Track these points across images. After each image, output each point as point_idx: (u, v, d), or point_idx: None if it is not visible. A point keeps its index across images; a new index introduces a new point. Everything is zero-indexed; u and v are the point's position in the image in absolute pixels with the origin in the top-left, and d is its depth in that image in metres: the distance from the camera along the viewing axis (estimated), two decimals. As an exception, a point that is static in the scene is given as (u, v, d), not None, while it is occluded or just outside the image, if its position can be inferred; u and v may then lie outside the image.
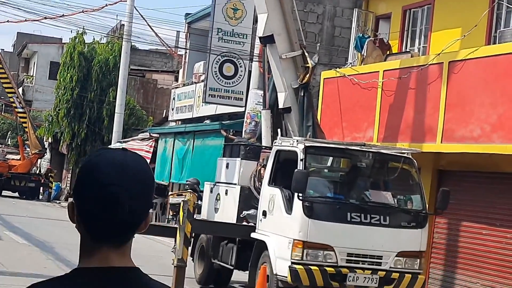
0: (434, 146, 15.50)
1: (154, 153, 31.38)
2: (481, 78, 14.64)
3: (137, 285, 2.21)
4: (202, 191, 18.05)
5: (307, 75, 15.88)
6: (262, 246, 13.70)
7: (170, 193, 21.27)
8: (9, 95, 46.19)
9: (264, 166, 14.49)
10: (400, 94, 16.56)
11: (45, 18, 32.21)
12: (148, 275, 2.29)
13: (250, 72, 24.57)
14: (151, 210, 2.35)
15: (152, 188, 2.28)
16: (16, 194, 42.77)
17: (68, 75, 41.79)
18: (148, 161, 31.41)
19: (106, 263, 2.20)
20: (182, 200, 14.87)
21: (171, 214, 19.13)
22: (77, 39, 42.31)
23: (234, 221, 14.85)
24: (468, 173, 15.83)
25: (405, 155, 13.95)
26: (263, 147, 15.45)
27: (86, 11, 34.00)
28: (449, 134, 15.17)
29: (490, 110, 14.33)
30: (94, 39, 43.80)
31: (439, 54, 15.59)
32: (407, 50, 18.56)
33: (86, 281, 2.18)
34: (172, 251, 19.64)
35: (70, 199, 2.27)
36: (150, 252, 21.25)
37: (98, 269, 2.19)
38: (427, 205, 13.76)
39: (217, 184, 16.03)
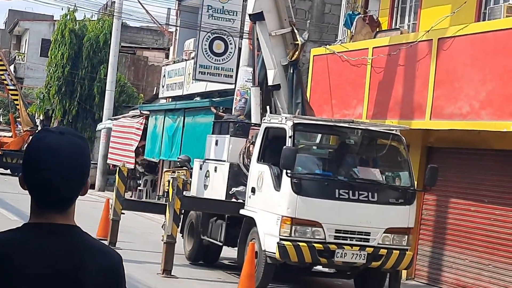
0: (423, 123, 15.52)
1: (145, 130, 31.35)
2: (470, 55, 14.65)
3: (76, 239, 2.66)
4: (187, 168, 18.12)
5: (297, 52, 15.86)
6: (250, 222, 13.74)
7: (165, 170, 21.28)
8: (1, 72, 46.04)
9: (253, 143, 14.51)
10: (390, 71, 16.57)
11: (36, -5, 32.09)
12: (88, 233, 2.73)
13: (240, 49, 24.53)
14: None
15: (84, 167, 2.69)
16: (8, 171, 42.73)
17: (59, 52, 41.66)
18: (139, 138, 31.49)
19: (51, 221, 2.66)
20: (171, 177, 14.89)
21: (167, 190, 19.22)
22: (68, 17, 42.14)
23: (223, 198, 14.88)
24: (456, 150, 15.88)
25: (393, 132, 13.98)
26: (252, 124, 15.45)
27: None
28: (438, 111, 15.19)
29: (479, 87, 14.35)
30: (85, 16, 43.72)
31: (428, 31, 15.58)
32: (397, 27, 18.53)
33: (33, 232, 2.64)
34: (162, 228, 19.69)
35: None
36: (140, 229, 21.30)
37: (43, 224, 2.65)
38: (415, 182, 13.81)
39: (206, 161, 16.05)
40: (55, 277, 2.61)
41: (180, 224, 15.46)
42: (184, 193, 14.69)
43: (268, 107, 15.08)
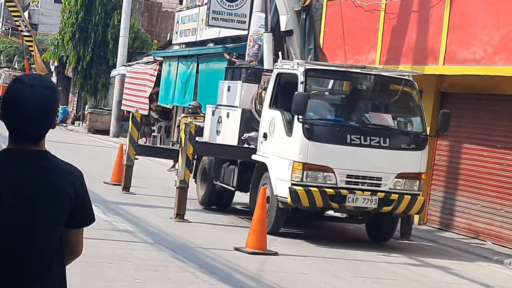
0: (436, 68, 15.48)
1: (158, 77, 31.36)
2: (484, -1, 14.55)
3: (46, 161, 3.32)
4: (204, 114, 18.15)
5: (309, -2, 15.77)
6: (262, 168, 13.81)
7: (183, 115, 21.32)
8: (15, 18, 46.06)
9: (265, 89, 14.51)
10: (403, 16, 16.48)
11: None
12: (56, 156, 3.35)
13: (253, -6, 24.37)
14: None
15: (51, 114, 3.29)
16: (23, 118, 42.95)
17: (73, -2, 41.52)
18: (152, 84, 31.51)
19: (25, 148, 3.30)
20: (184, 123, 14.93)
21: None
22: (81, -38, 41.89)
23: (236, 144, 14.94)
24: (470, 95, 15.85)
25: (406, 77, 13.94)
26: (265, 70, 15.44)
27: None
28: (452, 56, 15.14)
29: (493, 31, 14.27)
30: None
31: (442, -25, 15.45)
32: (411, -29, 18.36)
33: (9, 156, 3.30)
34: (170, 171, 19.82)
35: None
36: (153, 174, 21.45)
37: (18, 149, 3.30)
38: (427, 127, 13.80)
39: (219, 107, 16.07)
40: (27, 191, 3.26)
41: (193, 169, 15.56)
42: (197, 138, 14.75)
43: (280, 53, 15.04)
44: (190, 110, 20.59)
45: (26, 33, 45.56)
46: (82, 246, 3.50)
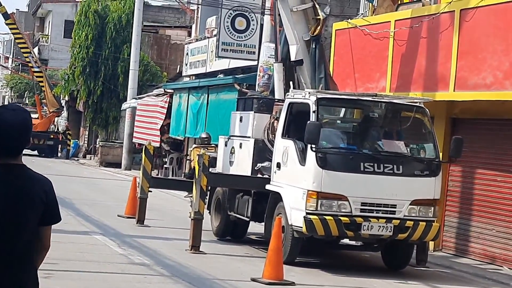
0: (447, 94, 15.53)
1: (169, 109, 31.50)
2: (493, 25, 14.61)
3: (23, 173, 4.21)
4: (214, 145, 18.23)
5: (318, 27, 15.87)
6: (277, 197, 13.84)
7: (195, 146, 21.40)
8: (25, 55, 46.33)
9: (277, 119, 14.58)
10: (412, 44, 16.56)
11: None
12: (30, 168, 4.22)
13: (262, 25, 24.55)
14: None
15: (29, 134, 4.20)
16: (35, 152, 43.21)
17: (83, 33, 41.81)
18: (163, 116, 31.64)
19: (6, 162, 4.19)
20: (198, 155, 14.99)
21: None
22: (90, -2, 42.21)
23: (249, 174, 14.98)
24: (481, 121, 15.87)
25: (417, 104, 13.99)
26: (276, 100, 15.51)
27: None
28: (462, 82, 15.19)
29: (503, 57, 14.33)
30: (107, -4, 43.69)
31: (450, 2, 15.54)
32: (419, -1, 18.47)
33: None
34: (189, 198, 19.80)
35: None
36: (167, 206, 21.49)
37: (0, 163, 4.15)
38: (440, 154, 13.83)
39: (231, 137, 16.14)
40: (9, 197, 4.12)
41: (207, 200, 15.59)
42: (210, 169, 14.80)
43: (291, 83, 15.12)
44: (205, 141, 20.67)
45: (36, 69, 45.83)
46: (50, 240, 4.32)
